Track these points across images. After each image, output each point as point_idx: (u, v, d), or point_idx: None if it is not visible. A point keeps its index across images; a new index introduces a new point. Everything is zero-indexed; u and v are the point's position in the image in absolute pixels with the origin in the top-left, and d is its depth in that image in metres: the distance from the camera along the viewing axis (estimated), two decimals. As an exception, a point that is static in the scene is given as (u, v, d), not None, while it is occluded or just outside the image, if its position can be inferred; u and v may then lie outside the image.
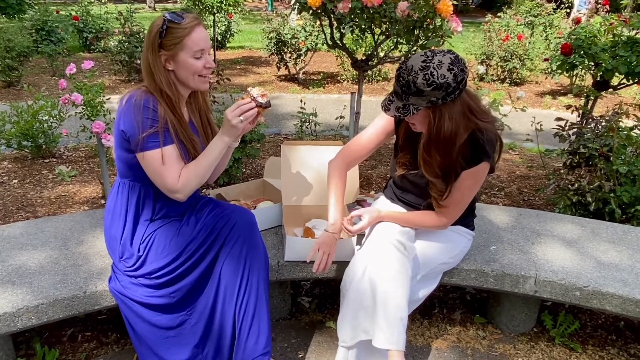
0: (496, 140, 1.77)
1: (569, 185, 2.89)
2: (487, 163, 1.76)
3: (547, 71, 7.57)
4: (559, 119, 3.18)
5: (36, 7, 8.37)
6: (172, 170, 1.67)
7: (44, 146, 4.20)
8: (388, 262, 1.72)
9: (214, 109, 3.64)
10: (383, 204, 2.10)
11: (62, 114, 4.07)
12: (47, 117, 4.03)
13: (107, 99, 3.37)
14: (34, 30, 7.88)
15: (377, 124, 1.98)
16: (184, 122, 1.75)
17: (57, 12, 9.11)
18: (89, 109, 3.08)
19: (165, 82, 1.67)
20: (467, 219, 2.03)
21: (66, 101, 2.96)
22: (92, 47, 9.67)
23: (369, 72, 7.69)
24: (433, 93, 1.58)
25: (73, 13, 9.46)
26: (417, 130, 1.77)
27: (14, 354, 1.96)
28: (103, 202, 3.39)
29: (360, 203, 2.47)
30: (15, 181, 3.76)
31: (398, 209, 2.02)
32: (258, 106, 1.63)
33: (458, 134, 1.68)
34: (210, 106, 1.92)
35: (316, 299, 2.48)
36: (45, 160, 4.19)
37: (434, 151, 1.71)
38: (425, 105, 1.62)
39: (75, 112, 3.22)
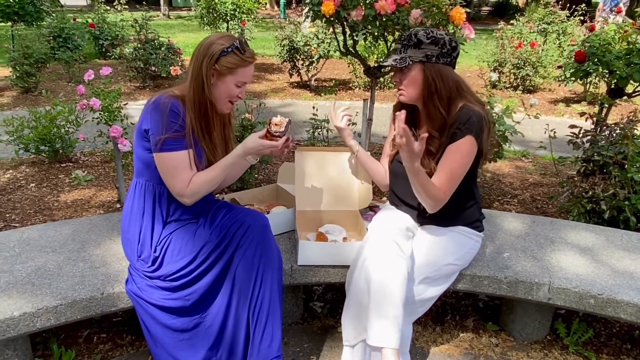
0: (481, 119, 1.82)
1: (583, 193, 2.88)
2: (470, 137, 1.81)
3: (560, 78, 7.54)
4: (572, 126, 3.17)
5: (53, 14, 8.52)
6: (183, 175, 1.75)
7: (60, 151, 4.28)
8: (382, 262, 1.74)
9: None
10: (389, 210, 2.12)
11: (79, 120, 4.14)
12: (64, 123, 4.11)
13: (125, 104, 3.42)
14: (51, 37, 8.03)
15: (389, 138, 2.17)
16: (212, 132, 1.85)
17: (74, 19, 9.28)
18: (106, 114, 3.14)
19: (212, 93, 1.78)
20: (471, 219, 2.03)
21: (84, 106, 3.01)
22: (108, 53, 9.82)
23: (381, 79, 7.71)
24: (430, 47, 1.81)
25: (89, 20, 9.63)
26: (406, 98, 1.91)
27: (32, 354, 2.00)
28: (119, 206, 3.44)
29: (372, 209, 2.49)
30: (33, 185, 3.83)
31: (402, 215, 2.03)
32: (273, 135, 1.79)
33: (453, 95, 1.84)
34: (234, 124, 2.03)
35: (328, 304, 2.49)
36: (62, 165, 4.26)
37: (438, 104, 1.85)
38: (420, 58, 1.81)
39: (93, 118, 3.27)
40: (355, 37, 3.27)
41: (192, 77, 1.77)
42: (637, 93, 3.81)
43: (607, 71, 3.73)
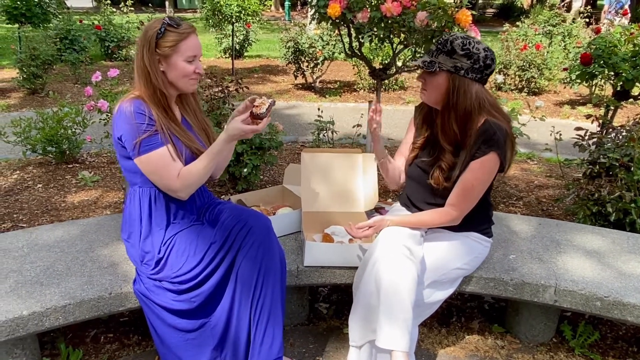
0: (506, 135, 1.81)
1: (589, 195, 2.87)
2: (495, 154, 1.80)
3: (565, 81, 7.53)
4: (578, 128, 3.16)
5: (60, 16, 8.58)
6: (170, 170, 1.75)
7: (67, 152, 4.30)
8: (393, 266, 1.74)
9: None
10: (398, 211, 2.12)
11: (85, 121, 4.17)
12: (71, 124, 4.14)
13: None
14: (58, 39, 8.09)
15: (407, 137, 2.13)
16: (177, 120, 1.84)
17: (80, 21, 9.34)
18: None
19: (161, 82, 1.75)
20: (481, 225, 2.03)
21: (91, 108, 3.04)
22: (114, 55, 9.88)
23: (386, 81, 7.72)
24: (462, 59, 1.76)
25: (96, 22, 9.69)
26: (426, 98, 1.89)
27: (40, 353, 2.01)
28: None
29: (378, 210, 2.49)
30: (40, 186, 3.85)
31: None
32: (256, 117, 1.73)
33: (473, 112, 1.80)
34: (201, 107, 2.01)
35: (334, 305, 2.49)
36: (69, 166, 4.29)
37: (453, 120, 1.83)
38: (449, 67, 1.77)
39: (100, 119, 3.30)
40: (360, 39, 3.28)
41: (139, 70, 1.75)
42: (643, 95, 3.80)
43: (612, 73, 3.72)
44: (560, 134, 3.53)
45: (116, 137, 1.76)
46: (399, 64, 4.01)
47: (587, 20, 9.39)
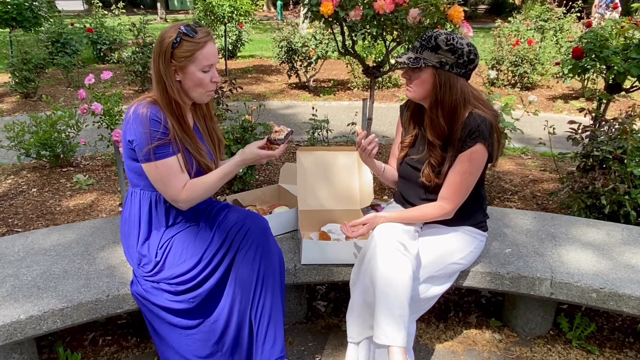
0: (491, 126, 1.83)
1: (583, 188, 2.89)
2: (481, 145, 1.81)
3: (558, 75, 7.57)
4: (571, 122, 3.18)
5: (51, 20, 8.55)
6: (176, 181, 1.74)
7: (61, 155, 4.29)
8: (387, 262, 1.75)
9: (227, 116, 3.70)
10: (394, 208, 2.13)
11: (79, 124, 4.16)
12: (65, 127, 4.12)
13: (126, 108, 3.44)
14: (49, 43, 8.07)
15: (397, 138, 2.14)
16: (190, 131, 1.82)
17: (72, 24, 9.30)
18: (107, 118, 3.15)
19: (177, 92, 1.73)
20: (476, 219, 2.04)
21: (85, 111, 3.03)
22: (106, 58, 9.85)
23: (380, 78, 7.73)
24: (446, 54, 1.78)
25: (87, 25, 9.66)
26: (412, 95, 1.90)
27: (38, 357, 2.01)
28: (120, 209, 3.45)
29: (374, 207, 2.50)
30: (34, 190, 3.84)
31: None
32: (273, 143, 1.78)
33: (459, 107, 1.82)
34: (213, 113, 1.99)
35: (332, 303, 2.50)
36: (63, 169, 4.28)
37: (440, 115, 1.85)
38: (434, 63, 1.79)
39: (94, 122, 3.29)
40: (353, 37, 3.29)
41: (155, 79, 1.74)
42: (635, 88, 3.83)
43: (604, 67, 3.74)
44: (554, 128, 3.55)
45: (127, 140, 1.74)
46: (392, 61, 4.02)
47: (579, 15, 9.43)
